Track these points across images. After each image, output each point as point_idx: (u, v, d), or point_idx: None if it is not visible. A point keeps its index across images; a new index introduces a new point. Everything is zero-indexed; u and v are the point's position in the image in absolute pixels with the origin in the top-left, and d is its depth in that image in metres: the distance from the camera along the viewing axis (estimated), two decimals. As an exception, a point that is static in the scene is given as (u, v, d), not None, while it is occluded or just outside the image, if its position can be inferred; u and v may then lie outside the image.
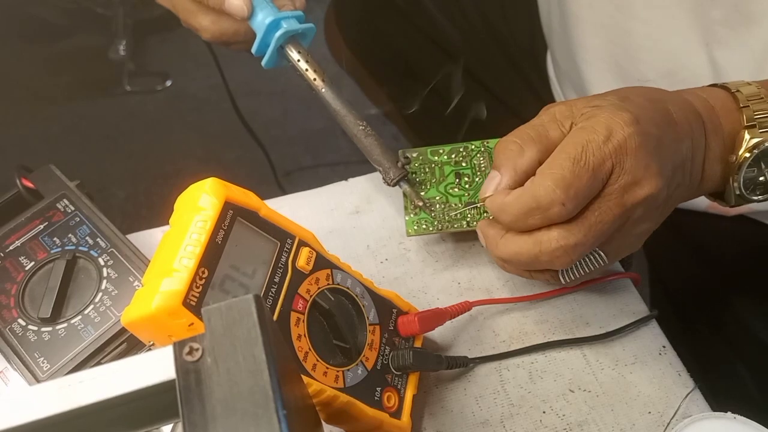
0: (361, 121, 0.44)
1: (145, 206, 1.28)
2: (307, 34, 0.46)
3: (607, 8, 0.49)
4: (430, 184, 0.46)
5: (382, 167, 0.44)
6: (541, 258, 0.35)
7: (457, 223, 0.44)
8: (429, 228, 0.44)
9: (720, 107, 0.37)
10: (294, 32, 0.44)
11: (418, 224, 0.44)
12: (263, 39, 0.44)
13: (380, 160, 0.44)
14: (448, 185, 0.45)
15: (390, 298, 0.40)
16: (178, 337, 0.20)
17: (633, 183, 0.34)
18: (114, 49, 1.53)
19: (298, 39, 0.45)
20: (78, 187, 0.45)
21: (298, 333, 0.33)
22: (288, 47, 0.44)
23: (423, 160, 0.47)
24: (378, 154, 0.44)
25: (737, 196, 0.38)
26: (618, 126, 0.33)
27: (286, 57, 0.45)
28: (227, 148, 1.35)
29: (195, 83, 1.51)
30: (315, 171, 1.30)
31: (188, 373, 0.19)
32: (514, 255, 0.36)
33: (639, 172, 0.33)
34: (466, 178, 0.46)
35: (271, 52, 0.44)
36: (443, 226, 0.44)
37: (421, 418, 0.39)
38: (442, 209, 0.44)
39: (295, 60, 0.44)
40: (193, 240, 0.30)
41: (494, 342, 0.42)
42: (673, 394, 0.39)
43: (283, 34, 0.43)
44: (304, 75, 0.45)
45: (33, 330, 0.39)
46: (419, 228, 0.44)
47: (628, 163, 0.33)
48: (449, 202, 0.45)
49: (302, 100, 1.40)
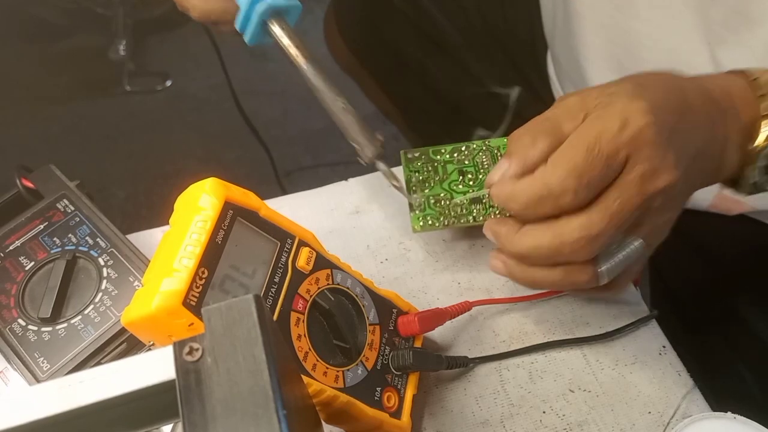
0: (340, 98, 0.44)
1: (145, 206, 1.28)
2: (291, 12, 0.46)
3: (608, 8, 0.49)
4: (434, 182, 0.46)
5: (359, 145, 0.44)
6: (562, 249, 0.34)
7: (463, 218, 0.44)
8: (435, 224, 0.44)
9: (738, 95, 0.37)
10: (277, 7, 0.44)
11: (423, 220, 0.44)
12: (246, 13, 0.44)
13: (356, 137, 0.44)
14: (452, 182, 0.45)
15: (390, 298, 0.40)
16: (178, 337, 0.20)
17: (651, 173, 0.33)
18: (114, 49, 1.53)
19: (284, 16, 0.45)
20: (78, 187, 0.45)
21: (298, 333, 0.33)
22: (271, 22, 0.44)
23: (425, 159, 0.47)
24: (355, 132, 0.44)
25: (752, 185, 0.37)
26: (634, 115, 0.33)
27: (269, 33, 0.45)
28: (227, 148, 1.35)
29: (195, 83, 1.51)
30: (315, 171, 1.30)
31: (188, 373, 0.19)
32: (533, 249, 0.35)
33: (656, 162, 0.33)
34: (469, 175, 0.45)
35: (254, 27, 0.44)
36: (449, 222, 0.44)
37: (421, 418, 0.39)
38: (447, 205, 0.44)
39: (277, 36, 0.45)
40: (193, 240, 0.30)
41: (494, 342, 0.42)
42: (673, 394, 0.39)
43: (267, 9, 0.44)
44: (286, 51, 0.45)
45: (33, 330, 0.39)
46: (425, 224, 0.44)
47: (644, 153, 0.33)
48: (454, 198, 0.45)
49: (302, 100, 1.40)
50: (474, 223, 0.44)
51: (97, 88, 1.53)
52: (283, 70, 1.52)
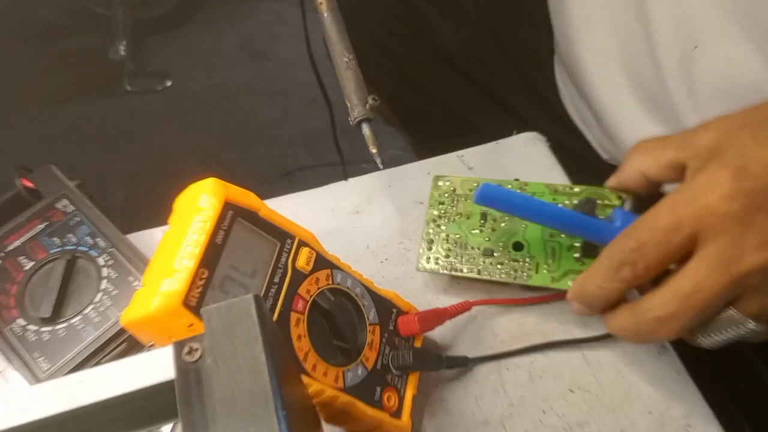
0: (348, 54, 0.44)
1: (145, 206, 1.28)
2: None
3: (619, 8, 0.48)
4: (453, 218, 0.43)
5: (351, 103, 0.44)
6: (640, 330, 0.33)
7: (467, 268, 0.42)
8: (440, 270, 0.42)
9: None
10: None
11: (428, 260, 0.43)
12: None
13: (350, 95, 0.44)
14: (472, 227, 0.43)
15: (390, 298, 0.40)
16: (178, 337, 0.20)
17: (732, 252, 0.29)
18: (114, 49, 1.53)
19: None
20: (78, 187, 0.45)
21: (298, 333, 0.33)
22: None
23: (453, 191, 0.45)
24: (350, 89, 0.44)
25: None
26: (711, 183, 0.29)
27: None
28: (227, 148, 1.35)
29: (195, 83, 1.51)
30: (315, 171, 1.30)
31: (188, 373, 0.19)
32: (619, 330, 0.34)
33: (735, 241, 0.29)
34: (492, 221, 0.43)
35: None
36: (456, 269, 0.42)
37: (421, 418, 0.39)
38: (460, 252, 0.42)
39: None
40: (193, 240, 0.30)
41: (494, 342, 0.42)
42: (673, 394, 0.39)
43: None
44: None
45: (33, 330, 0.39)
46: (430, 264, 0.43)
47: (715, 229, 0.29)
48: (468, 244, 0.43)
49: (302, 100, 1.40)
50: (478, 277, 0.42)
51: (97, 88, 1.54)
52: (283, 70, 1.52)
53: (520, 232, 0.42)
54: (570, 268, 0.40)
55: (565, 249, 0.41)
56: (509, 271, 0.41)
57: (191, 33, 1.63)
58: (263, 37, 1.61)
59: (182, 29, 1.64)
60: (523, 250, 0.41)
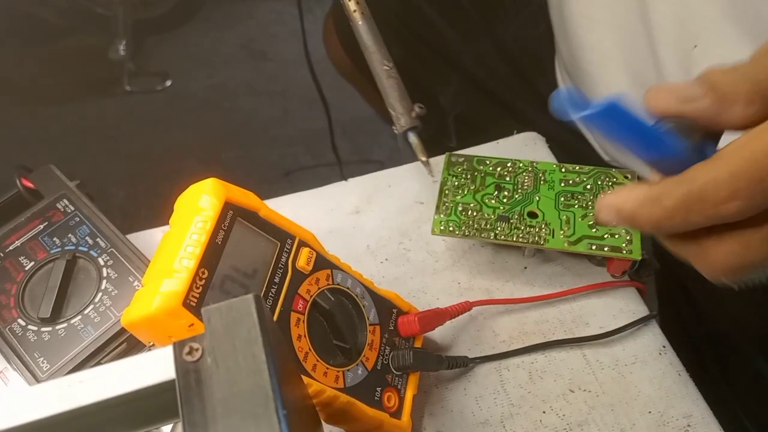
0: (388, 62, 0.44)
1: (145, 206, 1.28)
2: None
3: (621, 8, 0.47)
4: (468, 190, 0.45)
5: (396, 112, 0.43)
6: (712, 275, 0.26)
7: (485, 233, 0.43)
8: (455, 231, 0.43)
9: None
10: None
11: (445, 224, 0.43)
12: None
13: (395, 104, 0.43)
14: (486, 195, 0.44)
15: (390, 298, 0.40)
16: (178, 337, 0.20)
17: None
18: (114, 49, 1.53)
19: None
20: (78, 187, 0.45)
21: (298, 333, 0.33)
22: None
23: (467, 167, 0.46)
24: (394, 98, 0.43)
25: None
26: None
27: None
28: (227, 148, 1.35)
29: (195, 83, 1.51)
30: (315, 171, 1.30)
31: (188, 373, 0.19)
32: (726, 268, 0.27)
33: None
34: (505, 192, 0.44)
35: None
36: (470, 233, 0.43)
37: (421, 418, 0.39)
38: (473, 216, 0.43)
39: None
40: (193, 240, 0.30)
41: (494, 342, 0.42)
42: (673, 394, 0.39)
43: None
44: (344, 4, 0.45)
45: (33, 330, 0.39)
46: (445, 228, 0.43)
47: None
48: (482, 212, 0.44)
49: (302, 100, 1.40)
50: (494, 241, 0.42)
51: (97, 88, 1.53)
52: (283, 70, 1.52)
53: (534, 202, 0.44)
54: (585, 234, 0.42)
55: (579, 218, 0.42)
56: (525, 236, 0.42)
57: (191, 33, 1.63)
58: (263, 37, 1.61)
59: (182, 29, 1.64)
60: (538, 218, 0.43)
